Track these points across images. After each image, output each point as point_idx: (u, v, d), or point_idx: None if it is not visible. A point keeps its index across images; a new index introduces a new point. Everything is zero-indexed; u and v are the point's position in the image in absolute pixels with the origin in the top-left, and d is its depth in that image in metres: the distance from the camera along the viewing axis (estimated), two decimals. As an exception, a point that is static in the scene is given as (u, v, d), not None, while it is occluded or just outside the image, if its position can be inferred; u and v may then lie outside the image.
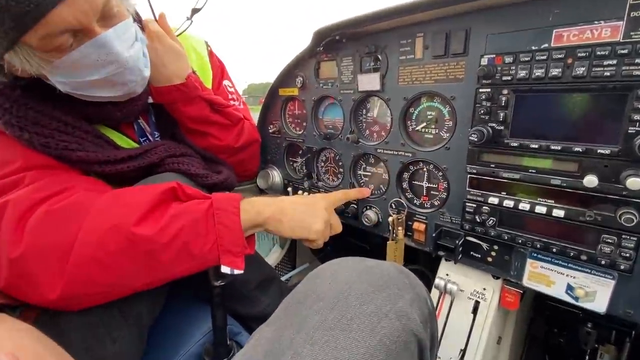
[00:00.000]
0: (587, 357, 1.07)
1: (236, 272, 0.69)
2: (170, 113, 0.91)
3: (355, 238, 1.75)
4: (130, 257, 0.62)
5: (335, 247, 1.75)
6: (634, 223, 0.59)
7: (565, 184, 0.66)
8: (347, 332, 0.47)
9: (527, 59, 0.66)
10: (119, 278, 0.63)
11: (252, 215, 0.73)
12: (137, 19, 0.80)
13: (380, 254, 1.64)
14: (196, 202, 0.69)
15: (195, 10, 0.89)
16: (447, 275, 0.95)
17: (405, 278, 0.59)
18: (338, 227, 0.92)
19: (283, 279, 1.60)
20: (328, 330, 0.47)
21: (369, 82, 0.95)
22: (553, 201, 0.69)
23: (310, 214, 0.83)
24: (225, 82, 1.10)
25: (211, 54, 1.07)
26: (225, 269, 0.68)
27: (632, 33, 0.57)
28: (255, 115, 1.34)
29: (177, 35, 0.89)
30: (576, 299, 0.72)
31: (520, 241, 0.75)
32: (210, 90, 0.96)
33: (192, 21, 0.91)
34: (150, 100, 0.87)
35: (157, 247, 0.63)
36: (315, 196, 0.91)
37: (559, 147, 0.66)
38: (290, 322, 0.51)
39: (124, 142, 0.83)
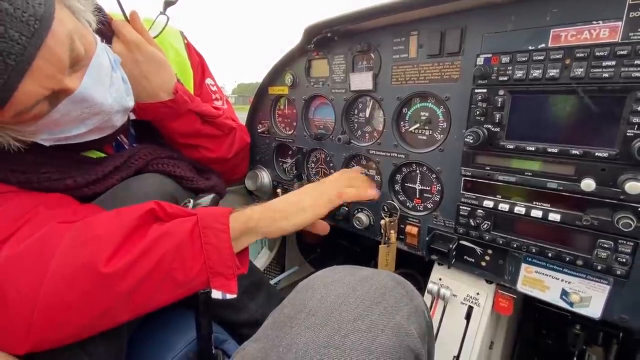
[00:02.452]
0: (574, 359, 1.07)
1: (229, 296, 0.63)
2: (155, 128, 0.84)
3: (346, 240, 1.73)
4: (104, 297, 0.55)
5: (325, 250, 1.73)
6: (631, 228, 0.58)
7: (561, 188, 0.65)
8: (340, 350, 0.44)
9: (524, 59, 0.65)
10: (94, 318, 0.56)
11: (243, 220, 0.68)
12: (103, 26, 0.69)
13: (372, 257, 1.62)
14: (179, 220, 0.62)
15: (168, 3, 0.77)
16: (439, 279, 0.93)
17: (402, 289, 0.57)
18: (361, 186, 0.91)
19: (272, 282, 1.57)
20: (320, 349, 0.44)
21: (362, 81, 0.92)
22: (549, 205, 0.68)
23: (297, 198, 0.79)
24: (208, 81, 1.01)
25: (189, 47, 0.96)
26: (216, 294, 0.62)
27: (631, 34, 0.56)
28: (244, 116, 1.30)
29: (155, 37, 0.79)
30: (571, 304, 0.71)
31: (515, 245, 0.73)
32: (199, 100, 0.86)
33: (168, 17, 0.80)
34: (132, 117, 0.79)
35: (135, 283, 0.56)
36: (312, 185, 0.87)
37: (556, 150, 0.64)
38: (280, 339, 0.48)
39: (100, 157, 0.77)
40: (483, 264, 0.82)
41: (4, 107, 0.48)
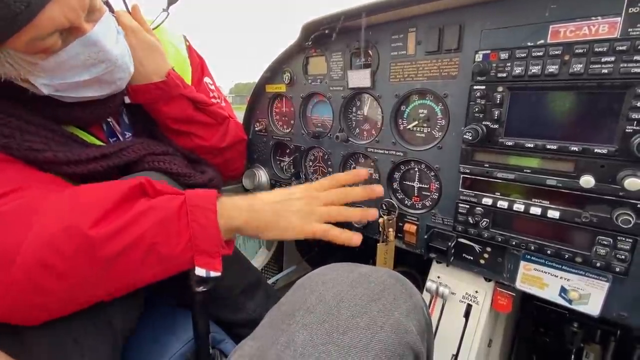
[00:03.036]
0: (572, 357, 1.08)
1: (213, 274, 0.63)
2: (148, 113, 0.85)
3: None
4: (87, 262, 0.54)
5: (322, 248, 1.72)
6: (631, 224, 0.58)
7: (560, 185, 0.65)
8: (339, 348, 0.43)
9: (523, 55, 0.64)
10: (75, 286, 0.55)
11: (228, 217, 0.65)
12: (109, 9, 0.74)
13: (370, 255, 1.62)
14: (167, 197, 0.62)
15: (171, 1, 0.82)
16: (438, 277, 0.92)
17: (401, 286, 0.56)
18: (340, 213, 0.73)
19: (269, 281, 1.56)
20: (319, 346, 0.44)
21: (359, 78, 0.92)
22: (548, 202, 0.68)
23: (285, 210, 0.70)
24: (206, 79, 1.03)
25: (190, 49, 1.00)
26: (200, 271, 0.62)
27: (630, 29, 0.56)
28: (242, 115, 1.29)
29: (154, 29, 0.83)
30: (570, 301, 0.71)
31: (514, 243, 0.73)
32: (192, 88, 0.89)
33: (168, 13, 0.84)
34: (127, 100, 0.81)
35: (119, 250, 0.55)
36: (299, 187, 0.76)
37: (555, 147, 0.64)
38: (277, 337, 0.47)
39: (93, 142, 0.77)
40: (482, 261, 0.82)
41: (25, 26, 0.49)
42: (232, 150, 1.04)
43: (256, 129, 1.24)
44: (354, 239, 0.70)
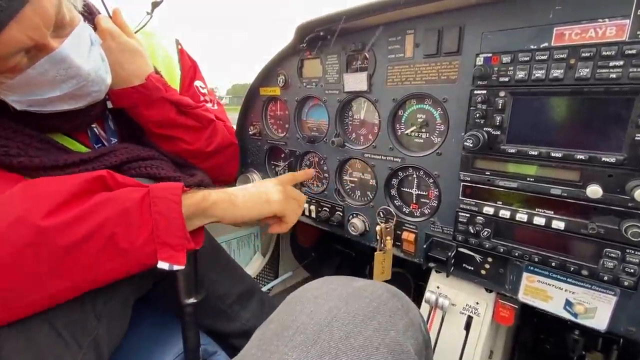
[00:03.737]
0: (574, 365, 1.05)
1: (175, 267, 0.59)
2: (132, 118, 0.82)
3: (341, 244, 1.69)
4: (36, 255, 0.51)
5: (319, 254, 1.69)
6: (641, 237, 0.55)
7: (566, 194, 0.62)
8: None
9: (526, 59, 0.61)
10: (25, 281, 0.51)
11: (197, 199, 0.64)
12: (88, 15, 0.72)
13: (367, 261, 1.59)
14: (129, 189, 0.60)
15: (155, 4, 0.82)
16: (437, 288, 0.89)
17: (397, 301, 0.53)
18: (301, 197, 0.84)
19: (265, 288, 1.53)
20: None
21: (356, 82, 0.89)
22: (552, 212, 0.65)
23: (264, 190, 0.76)
24: (197, 83, 1.01)
25: (182, 53, 0.99)
26: (162, 265, 0.58)
27: (639, 32, 0.53)
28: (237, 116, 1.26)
29: (136, 32, 0.81)
30: (575, 315, 0.68)
31: (516, 254, 0.70)
32: (175, 91, 0.87)
33: (151, 16, 0.83)
34: (110, 105, 0.79)
35: (72, 241, 0.52)
36: (261, 181, 0.85)
37: (560, 155, 0.61)
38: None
39: (76, 147, 0.75)
40: (483, 272, 0.79)
41: None
42: (220, 155, 1.01)
43: (250, 132, 1.21)
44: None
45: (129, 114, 0.81)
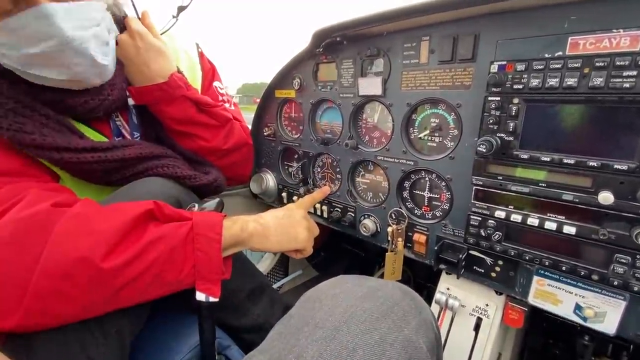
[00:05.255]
0: (583, 370, 1.05)
1: (211, 299, 0.66)
2: (153, 114, 0.86)
3: (350, 244, 1.71)
4: (97, 290, 0.56)
5: (328, 254, 1.71)
6: (651, 244, 0.56)
7: (577, 200, 0.63)
8: None
9: (540, 67, 0.63)
10: (84, 309, 0.57)
11: (236, 231, 0.70)
12: (122, 18, 0.78)
13: (376, 261, 1.60)
14: (175, 225, 0.64)
15: (181, 8, 0.86)
16: (447, 289, 0.91)
17: (410, 301, 0.55)
18: (316, 230, 0.92)
19: (275, 286, 1.55)
20: None
21: (370, 86, 0.91)
22: (564, 217, 0.66)
23: (293, 224, 0.83)
24: (216, 83, 1.06)
25: (202, 56, 1.03)
26: (200, 296, 0.64)
27: (653, 43, 0.54)
28: (249, 116, 1.29)
29: (162, 34, 0.86)
30: (585, 319, 0.69)
31: (527, 257, 0.72)
32: (196, 90, 0.91)
33: (177, 19, 0.87)
34: (131, 102, 0.83)
35: (128, 280, 0.58)
36: (289, 207, 0.90)
37: (572, 161, 0.62)
38: (287, 352, 0.47)
39: (96, 137, 0.78)
40: (493, 274, 0.80)
41: None
42: (236, 153, 1.05)
43: (265, 133, 1.24)
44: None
45: (151, 111, 0.85)
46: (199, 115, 0.90)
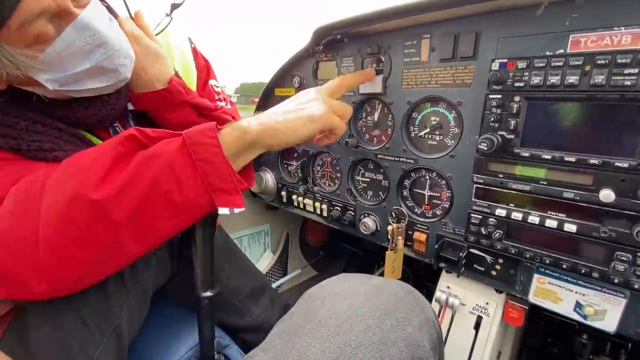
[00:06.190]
0: (581, 369, 1.06)
1: (236, 210, 0.59)
2: (153, 120, 0.84)
3: (350, 243, 1.71)
4: (102, 227, 0.53)
5: (328, 253, 1.71)
6: (652, 241, 0.56)
7: (578, 198, 0.63)
8: None
9: (541, 65, 0.63)
10: (105, 250, 0.55)
11: (237, 135, 0.61)
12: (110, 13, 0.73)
13: (376, 260, 1.60)
14: (165, 141, 0.58)
15: (175, 6, 0.80)
16: (447, 287, 0.91)
17: (413, 299, 0.55)
18: (341, 106, 0.74)
19: (274, 285, 1.55)
20: None
21: (371, 84, 0.91)
22: (564, 215, 0.66)
23: (302, 103, 0.70)
24: (212, 82, 1.02)
25: (195, 52, 0.99)
26: (223, 211, 0.58)
27: (655, 41, 0.54)
28: (245, 115, 1.28)
29: (157, 34, 0.81)
30: (585, 317, 0.69)
31: (527, 255, 0.72)
32: (196, 94, 0.88)
33: (172, 18, 0.83)
34: (131, 107, 0.80)
35: (131, 209, 0.53)
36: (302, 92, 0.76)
37: (573, 159, 0.62)
38: (289, 350, 0.46)
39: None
40: (493, 273, 0.80)
41: (13, 11, 0.47)
42: None
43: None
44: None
45: (151, 117, 0.83)
46: (199, 120, 0.86)
